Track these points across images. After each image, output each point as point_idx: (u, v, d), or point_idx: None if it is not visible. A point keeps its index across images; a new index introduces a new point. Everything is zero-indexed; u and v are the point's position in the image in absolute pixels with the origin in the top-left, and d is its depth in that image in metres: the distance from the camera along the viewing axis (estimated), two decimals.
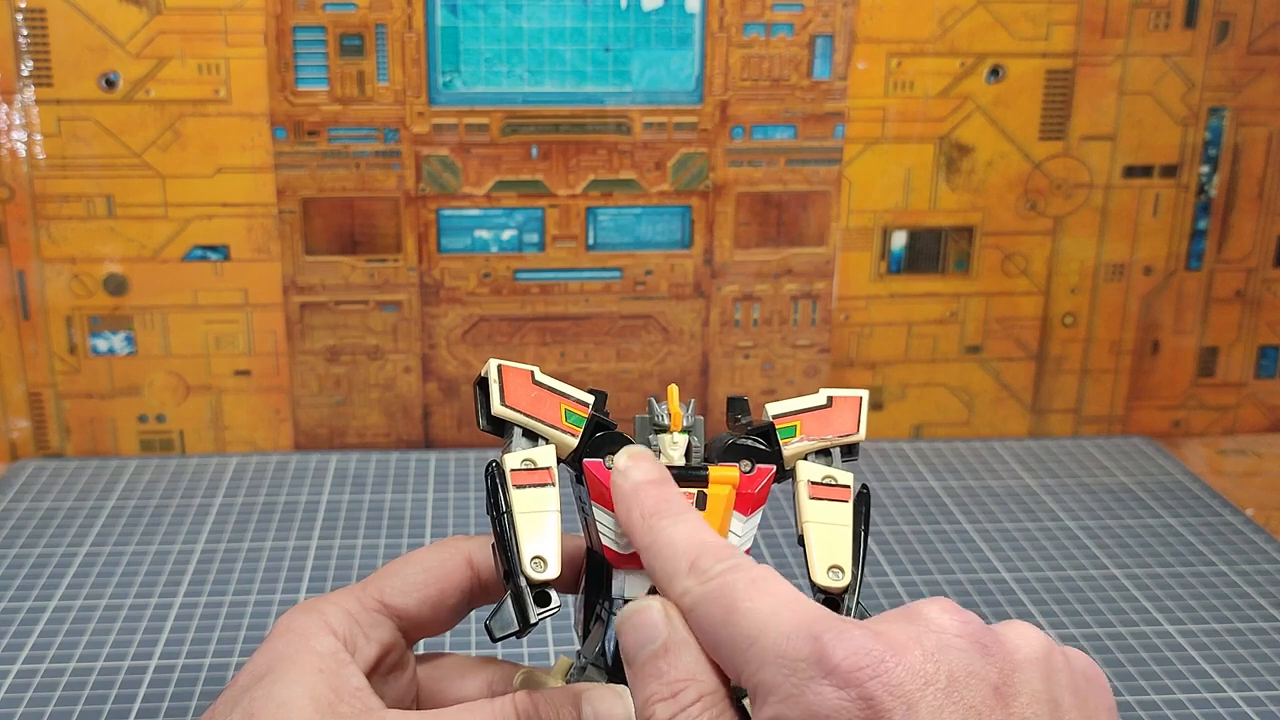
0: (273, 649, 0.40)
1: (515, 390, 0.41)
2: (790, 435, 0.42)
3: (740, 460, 0.42)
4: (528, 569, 0.38)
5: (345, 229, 0.79)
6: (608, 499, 0.40)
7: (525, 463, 0.40)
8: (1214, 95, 0.82)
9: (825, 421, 0.43)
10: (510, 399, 0.41)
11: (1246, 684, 0.58)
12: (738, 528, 0.41)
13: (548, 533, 0.39)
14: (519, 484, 0.40)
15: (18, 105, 0.75)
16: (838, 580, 0.40)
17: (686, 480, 0.40)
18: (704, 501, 0.40)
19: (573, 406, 0.41)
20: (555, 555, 0.38)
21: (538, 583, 0.38)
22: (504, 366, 0.41)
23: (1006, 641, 0.34)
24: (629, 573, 0.40)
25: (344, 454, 0.81)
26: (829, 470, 0.42)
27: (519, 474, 0.40)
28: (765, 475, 0.41)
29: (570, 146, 0.79)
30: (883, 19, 0.78)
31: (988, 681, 0.33)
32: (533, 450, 0.40)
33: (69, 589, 0.65)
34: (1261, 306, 0.87)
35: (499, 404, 0.41)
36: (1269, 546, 0.71)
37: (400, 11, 0.75)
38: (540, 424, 0.41)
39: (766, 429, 0.42)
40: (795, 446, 0.42)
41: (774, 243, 0.82)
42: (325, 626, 0.41)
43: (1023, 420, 0.87)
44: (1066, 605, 0.65)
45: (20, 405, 0.80)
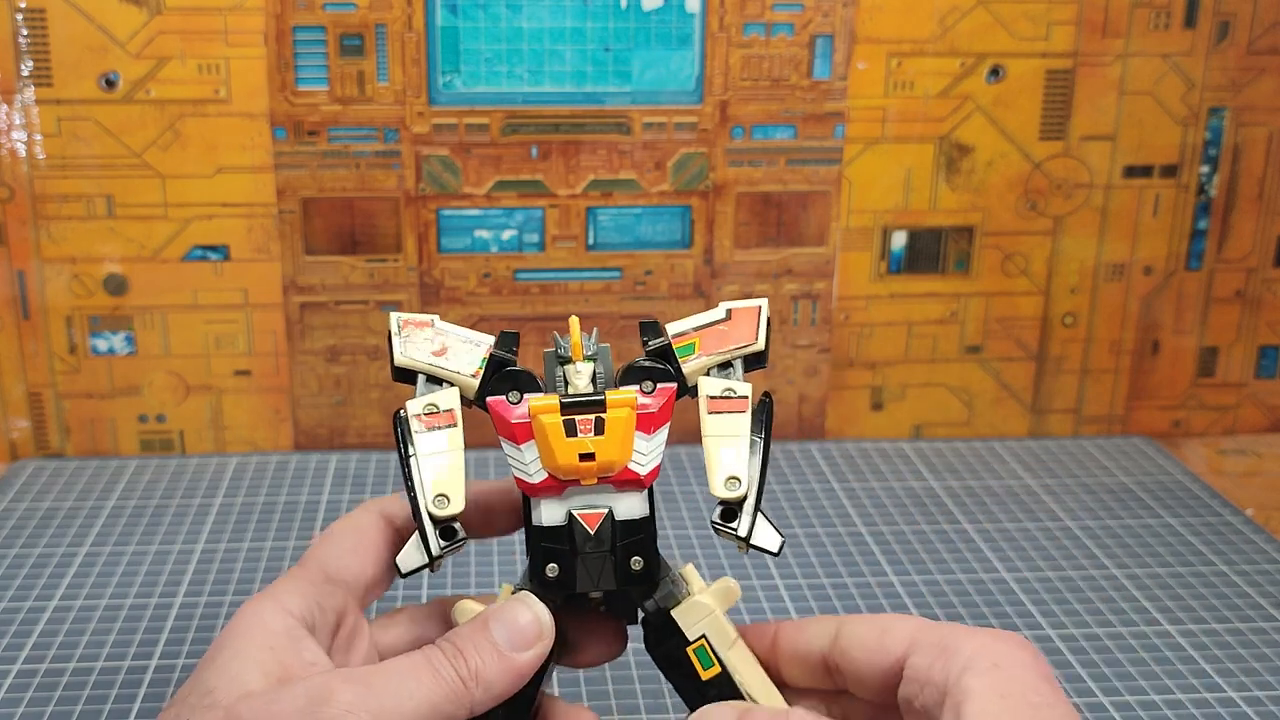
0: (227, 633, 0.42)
1: (415, 340, 0.44)
2: (689, 353, 0.43)
3: (640, 382, 0.43)
4: (431, 506, 0.42)
5: (345, 229, 0.79)
6: (511, 433, 0.42)
7: (428, 408, 0.43)
8: (1214, 95, 0.82)
9: (723, 335, 0.44)
10: (411, 349, 0.43)
11: (1246, 684, 0.58)
12: (641, 446, 0.42)
13: (451, 471, 0.42)
14: (421, 428, 0.42)
15: (18, 105, 0.75)
16: (734, 490, 0.42)
17: (583, 408, 0.42)
18: (602, 426, 0.42)
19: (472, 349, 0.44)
20: (458, 492, 0.42)
21: (441, 519, 0.42)
22: (404, 319, 0.44)
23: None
24: (544, 500, 0.43)
25: (344, 454, 0.82)
26: (728, 383, 0.43)
27: (421, 419, 0.42)
28: (666, 395, 0.43)
29: (570, 146, 0.79)
30: (883, 19, 0.78)
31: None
32: (435, 394, 0.43)
33: (69, 589, 0.65)
34: (1261, 306, 0.87)
35: (400, 354, 0.43)
36: (1269, 546, 0.71)
37: (400, 11, 0.75)
38: (441, 369, 0.43)
39: (664, 348, 0.43)
40: (694, 363, 0.43)
41: (774, 243, 0.82)
42: (278, 607, 0.42)
43: (1023, 420, 0.87)
44: (1066, 605, 0.65)
45: (20, 405, 0.80)
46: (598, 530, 0.43)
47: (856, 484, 0.79)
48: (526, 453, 0.42)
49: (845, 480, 0.79)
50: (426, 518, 0.42)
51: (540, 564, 0.43)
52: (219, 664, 0.40)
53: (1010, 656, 0.39)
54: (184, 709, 0.39)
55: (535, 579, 0.43)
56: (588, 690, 0.56)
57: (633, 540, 0.43)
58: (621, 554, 0.43)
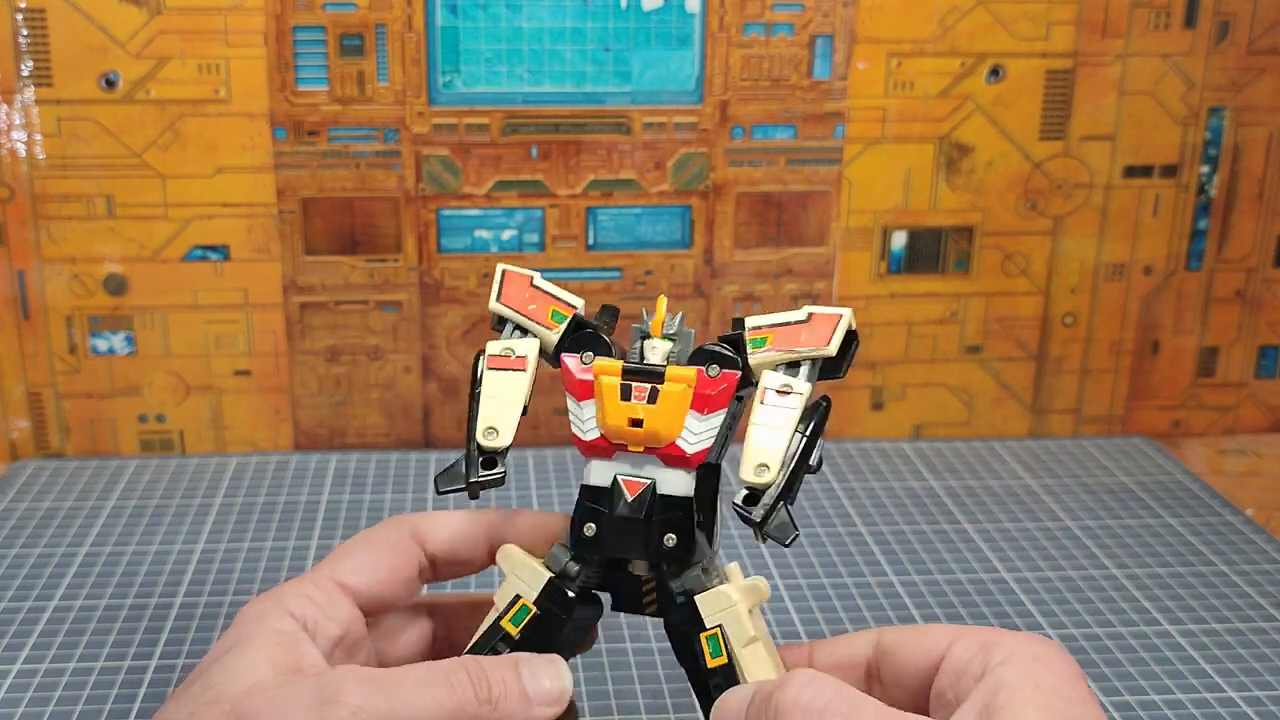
0: (233, 634, 0.42)
1: (512, 290, 0.46)
2: (759, 345, 0.44)
3: (706, 364, 0.43)
4: (480, 436, 0.44)
5: (345, 229, 0.79)
6: (574, 388, 0.44)
7: (505, 350, 0.45)
8: (1214, 95, 0.82)
9: (797, 335, 0.44)
10: (506, 298, 0.46)
11: (1246, 684, 0.58)
12: (693, 424, 0.43)
13: (508, 408, 0.44)
14: (493, 367, 0.45)
15: (18, 105, 0.75)
16: (761, 476, 0.42)
17: (641, 375, 0.43)
18: (656, 396, 0.43)
19: (560, 307, 0.45)
20: (509, 428, 0.44)
21: (487, 449, 0.44)
22: (508, 270, 0.46)
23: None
24: (595, 460, 0.44)
25: (344, 454, 0.82)
26: (788, 379, 0.43)
27: (495, 359, 0.45)
28: (728, 380, 0.43)
29: (570, 146, 0.79)
30: (883, 19, 0.78)
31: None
32: (515, 340, 0.45)
33: (69, 589, 0.65)
34: (1261, 306, 0.87)
35: (495, 300, 0.46)
36: (1269, 546, 0.71)
37: (400, 11, 0.75)
38: (527, 320, 0.45)
39: (736, 337, 0.44)
40: (761, 356, 0.44)
41: (774, 243, 0.82)
42: (284, 610, 0.42)
43: (1023, 420, 0.87)
44: (1066, 605, 0.65)
45: (20, 405, 0.80)
46: (637, 498, 0.43)
47: (856, 484, 0.79)
48: (585, 409, 0.44)
49: (845, 480, 0.79)
50: (475, 446, 0.44)
51: (580, 522, 0.44)
52: (223, 662, 0.40)
53: (1049, 655, 0.40)
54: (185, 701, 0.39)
55: (572, 534, 0.44)
56: (588, 690, 0.57)
57: (670, 516, 0.43)
58: (657, 528, 0.43)
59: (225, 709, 0.38)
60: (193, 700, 0.39)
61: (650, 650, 0.60)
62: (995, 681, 0.38)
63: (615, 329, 0.45)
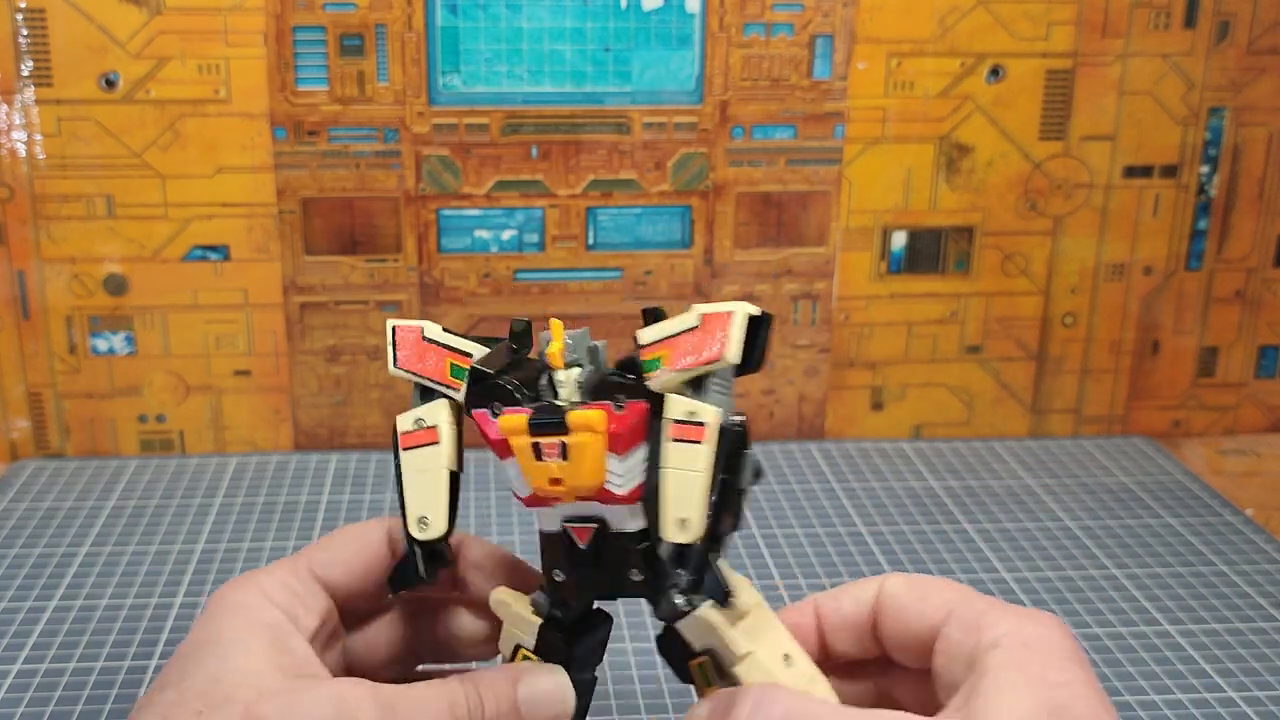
0: (216, 624, 0.41)
1: (405, 350, 0.42)
2: (654, 368, 0.39)
3: (612, 397, 0.39)
4: (413, 529, 0.41)
5: (345, 229, 0.79)
6: (495, 449, 0.40)
7: (416, 422, 0.42)
8: (1214, 95, 0.82)
9: (690, 346, 0.38)
10: (402, 359, 0.42)
11: (1246, 684, 0.58)
12: (616, 467, 0.39)
13: (434, 492, 0.41)
14: (408, 445, 0.42)
15: (18, 105, 0.75)
16: (685, 533, 0.38)
17: (547, 429, 0.39)
18: (567, 452, 0.39)
19: (458, 360, 0.42)
20: (440, 514, 0.41)
21: (423, 542, 0.41)
22: (397, 326, 0.42)
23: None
24: (539, 510, 0.41)
25: (344, 454, 0.82)
26: (692, 405, 0.38)
27: (409, 435, 0.42)
28: (637, 413, 0.39)
29: (570, 146, 0.79)
30: (883, 19, 0.78)
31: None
32: (423, 408, 0.42)
33: (69, 589, 0.65)
34: (1261, 306, 0.87)
35: (392, 366, 0.42)
36: (1269, 546, 0.71)
37: (400, 11, 0.75)
38: (429, 381, 0.42)
39: (630, 361, 0.39)
40: (660, 380, 0.39)
41: (774, 243, 0.82)
42: (266, 600, 0.42)
43: (1023, 420, 0.87)
44: (1066, 605, 0.65)
45: (20, 405, 0.80)
46: (589, 544, 0.41)
47: (856, 484, 0.79)
48: (511, 468, 0.41)
49: (845, 480, 0.79)
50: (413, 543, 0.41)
51: (547, 569, 0.42)
52: (221, 653, 0.39)
53: (1040, 636, 0.39)
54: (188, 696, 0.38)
55: (548, 582, 0.43)
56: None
57: (626, 552, 0.41)
58: (614, 566, 0.41)
59: (238, 712, 0.37)
60: (199, 697, 0.38)
61: (650, 650, 0.60)
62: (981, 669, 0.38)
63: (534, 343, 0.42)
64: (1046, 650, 0.38)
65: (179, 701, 0.38)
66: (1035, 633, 0.39)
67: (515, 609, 0.43)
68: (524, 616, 0.43)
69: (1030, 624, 0.39)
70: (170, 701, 0.38)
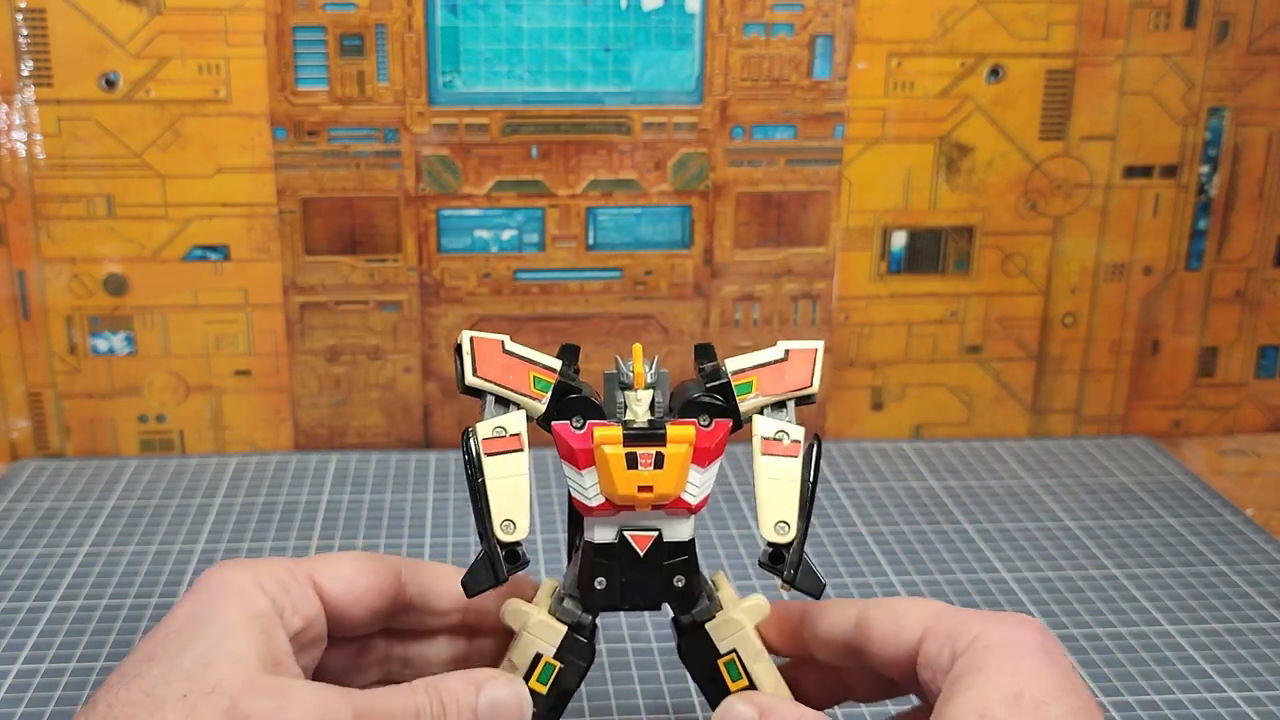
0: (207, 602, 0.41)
1: (486, 360, 0.44)
2: (746, 391, 0.45)
3: (699, 416, 0.44)
4: (498, 531, 0.43)
5: (345, 229, 0.79)
6: (573, 458, 0.44)
7: (496, 430, 0.44)
8: (1214, 95, 0.82)
9: (780, 375, 0.45)
10: (482, 369, 0.44)
11: (1246, 684, 0.58)
12: (695, 478, 0.44)
13: (517, 497, 0.43)
14: (490, 451, 0.43)
15: (18, 105, 0.75)
16: (784, 535, 0.44)
17: (645, 441, 0.43)
18: (662, 461, 0.43)
19: (540, 373, 0.44)
20: (524, 517, 0.43)
21: (507, 544, 0.43)
22: (475, 338, 0.44)
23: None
24: (596, 520, 0.44)
25: (344, 454, 0.81)
26: (781, 425, 0.45)
27: (490, 441, 0.43)
28: (722, 430, 0.44)
29: (570, 146, 0.79)
30: (883, 19, 0.78)
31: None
32: (504, 417, 0.44)
33: (69, 589, 0.65)
34: (1261, 306, 0.87)
35: (471, 375, 0.44)
36: (1269, 546, 0.71)
37: (400, 11, 0.75)
38: (510, 392, 0.44)
39: (724, 386, 0.44)
40: (751, 403, 0.45)
41: (774, 243, 0.82)
42: (258, 587, 0.42)
43: (1023, 420, 0.87)
44: (1066, 605, 0.65)
45: (20, 405, 0.80)
46: (648, 551, 0.44)
47: (856, 484, 0.79)
48: (586, 478, 0.44)
49: (845, 480, 0.79)
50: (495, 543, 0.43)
51: (588, 577, 0.45)
52: (210, 635, 0.39)
53: (1007, 636, 0.40)
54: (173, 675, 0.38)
55: (581, 589, 0.45)
56: (588, 690, 0.57)
57: (677, 560, 0.45)
58: (666, 573, 0.45)
59: (223, 704, 0.37)
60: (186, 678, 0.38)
61: (650, 650, 0.60)
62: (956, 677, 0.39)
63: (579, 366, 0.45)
64: (1013, 648, 0.40)
65: (164, 679, 0.38)
66: (1003, 634, 0.40)
67: (538, 618, 0.45)
68: (549, 624, 0.45)
69: (1000, 627, 0.41)
70: (157, 678, 0.38)
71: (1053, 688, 0.39)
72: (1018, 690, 0.38)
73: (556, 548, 0.69)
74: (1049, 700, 0.38)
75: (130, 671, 0.39)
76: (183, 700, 0.37)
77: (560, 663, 0.44)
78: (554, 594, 0.46)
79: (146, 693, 0.38)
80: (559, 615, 0.45)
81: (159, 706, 0.37)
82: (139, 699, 0.38)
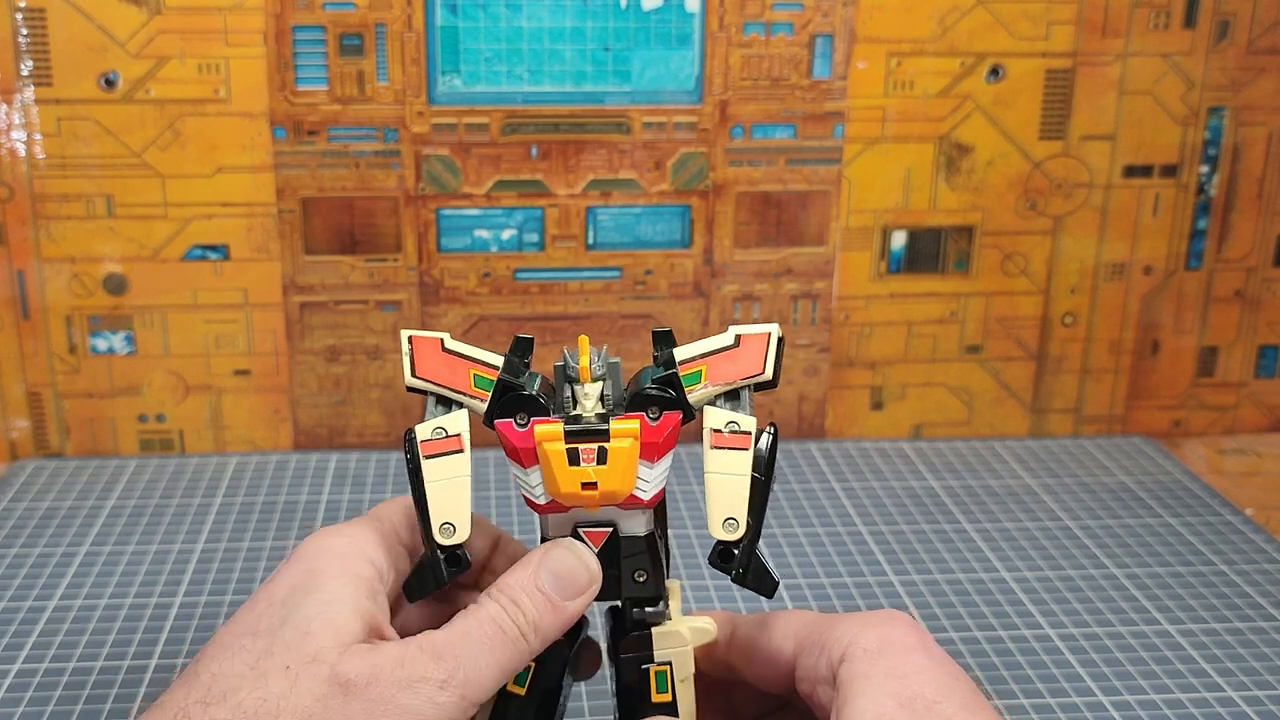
0: (313, 570, 0.42)
1: (425, 359, 0.43)
2: (695, 382, 0.43)
3: (646, 409, 0.42)
4: (437, 535, 0.42)
5: (345, 229, 0.79)
6: (517, 456, 0.42)
7: (436, 431, 0.43)
8: (1214, 95, 0.82)
9: (731, 362, 0.43)
10: (421, 369, 0.43)
11: (1246, 684, 0.58)
12: (645, 473, 0.42)
13: (457, 499, 0.42)
14: (429, 453, 0.42)
15: (17, 105, 0.75)
16: (732, 532, 0.42)
17: (587, 437, 0.42)
18: (605, 456, 0.42)
19: (481, 370, 0.43)
20: (464, 520, 0.42)
21: (447, 547, 0.42)
22: (414, 337, 0.43)
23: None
24: (550, 517, 0.44)
25: (344, 454, 0.81)
26: (732, 416, 0.43)
27: (430, 444, 0.42)
28: (671, 423, 0.43)
29: (570, 146, 0.79)
30: (883, 19, 0.78)
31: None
32: (444, 418, 0.43)
33: (69, 589, 0.65)
34: (1261, 306, 0.87)
35: (410, 375, 0.43)
36: (1269, 546, 0.71)
37: (400, 11, 0.75)
38: (450, 391, 0.43)
39: (670, 377, 0.43)
40: (700, 393, 0.43)
41: (774, 242, 0.82)
42: (364, 555, 0.42)
43: (1023, 420, 0.87)
44: (1066, 605, 0.65)
45: (20, 405, 0.80)
46: (602, 548, 0.43)
47: (856, 484, 0.79)
48: (532, 476, 0.42)
49: (845, 480, 0.79)
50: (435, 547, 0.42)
51: None
52: (318, 604, 0.40)
53: (882, 637, 0.41)
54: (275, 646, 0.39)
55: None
56: (589, 690, 0.56)
57: (636, 555, 0.44)
58: (625, 569, 0.44)
59: (324, 673, 0.38)
60: (287, 649, 0.39)
61: None
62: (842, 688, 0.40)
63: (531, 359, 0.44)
64: (891, 648, 0.40)
65: (268, 651, 0.39)
66: (878, 634, 0.41)
67: None
68: None
69: (871, 629, 0.41)
70: (261, 650, 0.39)
71: (941, 685, 0.39)
72: (910, 694, 0.38)
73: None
74: (941, 699, 0.39)
75: (232, 644, 0.40)
76: (285, 671, 0.38)
77: (536, 662, 0.44)
78: None
79: (250, 665, 0.39)
80: None
81: (262, 677, 0.38)
82: (243, 670, 0.38)
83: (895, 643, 0.40)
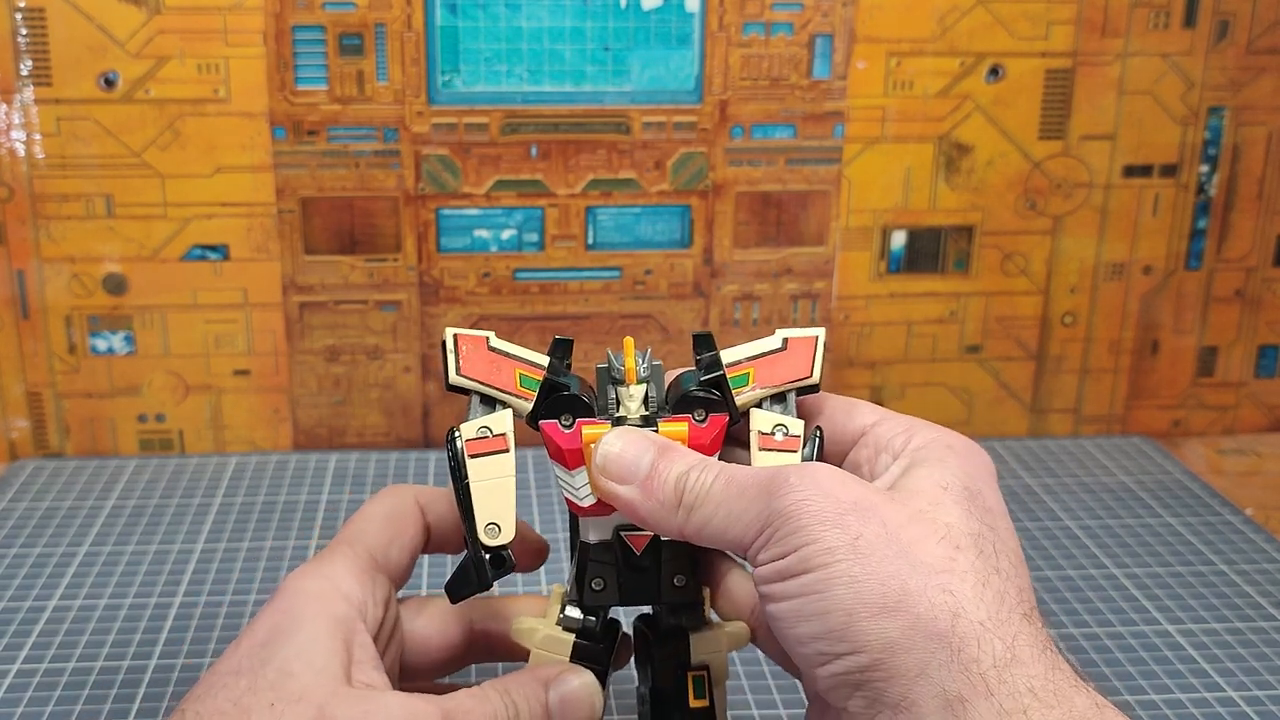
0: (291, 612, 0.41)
1: (470, 358, 0.43)
2: (743, 384, 0.43)
3: (693, 411, 0.42)
4: (482, 535, 0.42)
5: (345, 229, 0.79)
6: (563, 458, 0.42)
7: (481, 430, 0.42)
8: (1213, 95, 0.82)
9: (779, 366, 0.43)
10: (466, 368, 0.42)
11: (1246, 684, 0.58)
12: None
13: (502, 499, 0.42)
14: (474, 453, 0.42)
15: (17, 105, 0.75)
16: None
17: None
18: None
19: (527, 370, 0.43)
20: (509, 520, 0.42)
21: (492, 548, 0.42)
22: (459, 335, 0.43)
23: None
24: (591, 520, 0.43)
25: (343, 454, 0.81)
26: (780, 419, 0.43)
27: (474, 443, 0.42)
28: (718, 425, 0.42)
29: (570, 146, 0.79)
30: (882, 18, 0.78)
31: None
32: (489, 417, 0.42)
33: (69, 589, 0.65)
34: (1261, 306, 0.87)
35: (455, 374, 0.42)
36: (1269, 546, 0.71)
37: (400, 11, 0.75)
38: (495, 390, 0.43)
39: (718, 379, 0.43)
40: (747, 395, 0.43)
41: (773, 242, 0.82)
42: (338, 592, 0.42)
43: (1022, 420, 0.87)
44: (1066, 605, 0.65)
45: (20, 405, 0.80)
46: (645, 550, 0.43)
47: None
48: (577, 478, 0.42)
49: None
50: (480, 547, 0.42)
51: (586, 578, 0.44)
52: (297, 645, 0.40)
53: (965, 444, 0.41)
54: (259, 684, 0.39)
55: (579, 590, 0.44)
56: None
57: (675, 558, 0.43)
58: (665, 571, 0.43)
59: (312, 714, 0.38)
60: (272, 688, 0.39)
61: None
62: (904, 466, 0.40)
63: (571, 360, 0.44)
64: (969, 455, 0.41)
65: (252, 689, 0.39)
66: (961, 442, 0.41)
67: (545, 632, 0.44)
68: (555, 637, 0.44)
69: (954, 437, 0.42)
70: (244, 688, 0.39)
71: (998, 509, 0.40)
72: (977, 489, 0.39)
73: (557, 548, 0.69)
74: (996, 512, 0.39)
75: (216, 683, 0.40)
76: (270, 709, 0.38)
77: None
78: (563, 598, 0.45)
79: (234, 702, 0.39)
80: (564, 624, 0.44)
81: (246, 714, 0.38)
82: (226, 708, 0.38)
83: (975, 454, 0.41)
